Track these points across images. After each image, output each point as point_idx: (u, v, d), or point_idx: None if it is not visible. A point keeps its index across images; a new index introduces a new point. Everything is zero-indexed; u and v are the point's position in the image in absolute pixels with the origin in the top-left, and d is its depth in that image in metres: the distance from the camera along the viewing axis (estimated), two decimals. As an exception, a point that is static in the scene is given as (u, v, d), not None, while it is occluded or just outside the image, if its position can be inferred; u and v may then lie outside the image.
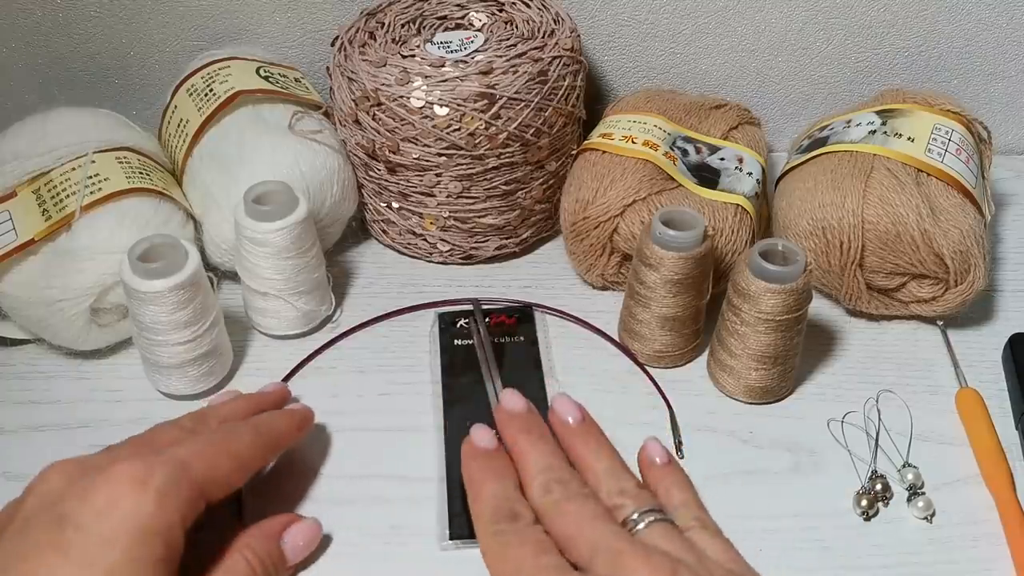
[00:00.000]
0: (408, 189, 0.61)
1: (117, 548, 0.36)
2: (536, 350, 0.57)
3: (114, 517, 0.37)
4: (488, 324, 0.58)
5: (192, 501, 0.39)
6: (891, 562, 0.46)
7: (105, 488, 0.38)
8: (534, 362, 0.56)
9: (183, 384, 0.54)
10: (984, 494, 0.49)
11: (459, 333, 0.58)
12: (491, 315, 0.59)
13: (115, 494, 0.37)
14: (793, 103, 0.74)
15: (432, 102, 0.56)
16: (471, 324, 0.58)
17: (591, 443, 0.42)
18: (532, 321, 0.59)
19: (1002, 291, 0.62)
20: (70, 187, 0.56)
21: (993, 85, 0.72)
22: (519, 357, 0.57)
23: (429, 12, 0.65)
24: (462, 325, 0.58)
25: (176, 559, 0.38)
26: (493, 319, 0.59)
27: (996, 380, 0.56)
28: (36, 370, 0.57)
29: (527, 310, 0.59)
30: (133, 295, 0.50)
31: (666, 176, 0.59)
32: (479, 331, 0.57)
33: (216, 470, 0.41)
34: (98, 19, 0.69)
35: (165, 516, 0.38)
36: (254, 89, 0.61)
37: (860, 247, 0.55)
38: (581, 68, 0.62)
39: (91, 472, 0.39)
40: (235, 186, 0.56)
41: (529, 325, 0.59)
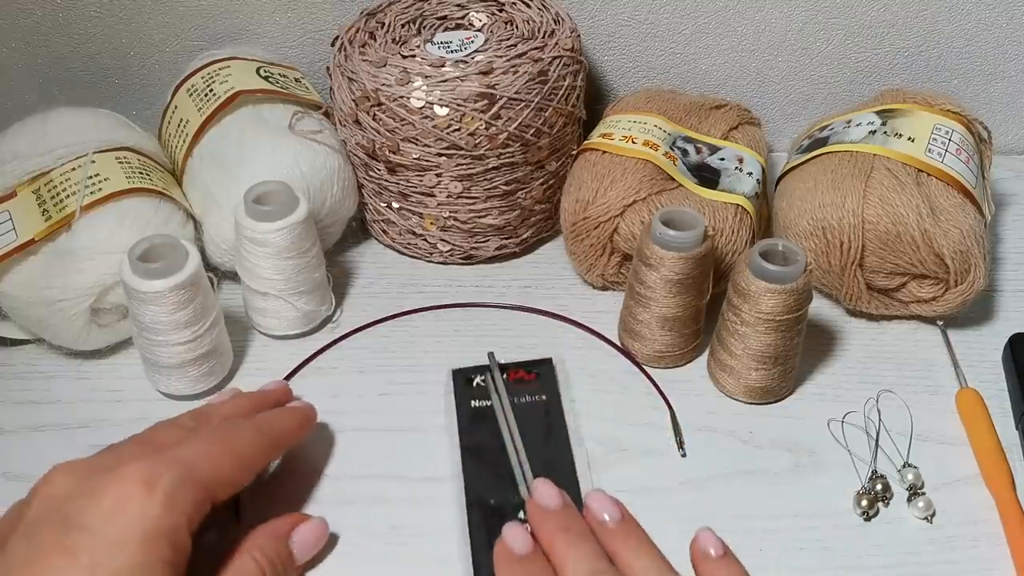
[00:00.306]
0: (408, 189, 0.61)
1: (125, 551, 0.36)
2: (560, 409, 0.53)
3: (122, 520, 0.37)
4: (506, 380, 0.54)
5: (199, 503, 0.39)
6: (891, 562, 0.46)
7: (112, 490, 0.38)
8: (559, 426, 0.52)
9: (183, 384, 0.54)
10: (984, 494, 0.49)
11: (476, 393, 0.54)
12: (509, 371, 0.55)
13: (122, 496, 0.37)
14: (793, 103, 0.74)
15: (432, 102, 0.56)
16: (487, 382, 0.54)
17: (631, 541, 0.41)
18: (554, 375, 0.55)
19: (1002, 291, 0.62)
20: (70, 187, 0.56)
21: (993, 85, 0.72)
22: (543, 420, 0.52)
23: (429, 12, 0.65)
24: (479, 383, 0.54)
25: (183, 562, 0.38)
26: (512, 375, 0.54)
27: (996, 380, 0.56)
28: (36, 370, 0.57)
29: (548, 363, 0.55)
30: (133, 295, 0.50)
31: (666, 176, 0.59)
32: (498, 394, 0.53)
33: (221, 470, 0.41)
34: (98, 19, 0.69)
35: (172, 518, 0.38)
36: (254, 89, 0.61)
37: (860, 247, 0.55)
38: (581, 68, 0.62)
39: (98, 473, 0.39)
40: (235, 186, 0.56)
41: (551, 380, 0.54)
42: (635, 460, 0.51)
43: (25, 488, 0.50)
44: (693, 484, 0.50)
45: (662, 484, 0.50)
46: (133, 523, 0.37)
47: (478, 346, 0.58)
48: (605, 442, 0.52)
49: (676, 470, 0.51)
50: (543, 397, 0.53)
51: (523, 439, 0.50)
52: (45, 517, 0.38)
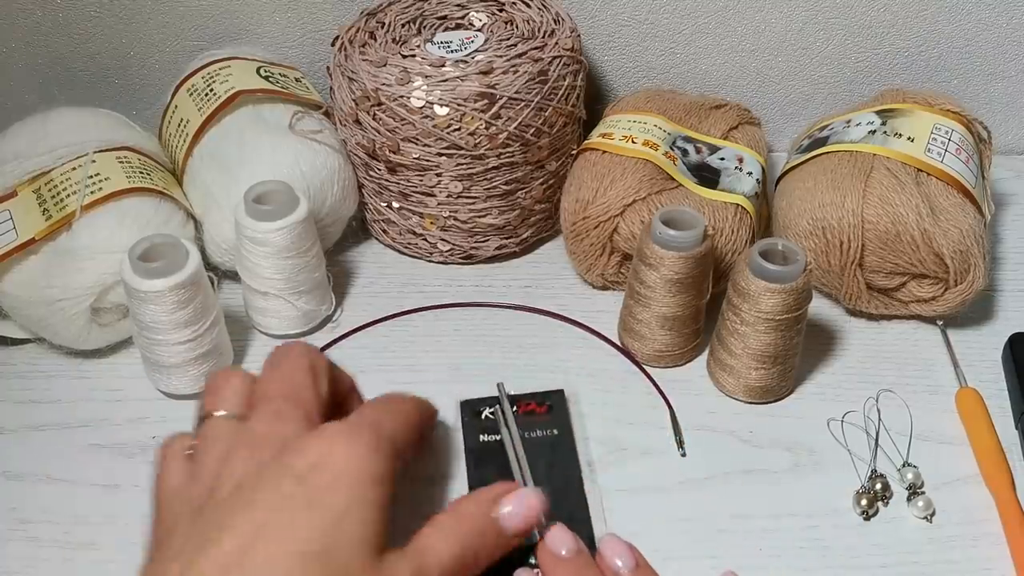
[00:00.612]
0: (408, 189, 0.61)
1: (341, 492, 0.37)
2: (573, 445, 0.51)
3: (331, 467, 0.37)
4: (516, 413, 0.52)
5: (393, 458, 0.40)
6: (891, 562, 0.46)
7: (316, 444, 0.38)
8: (572, 463, 0.50)
9: (183, 383, 0.54)
10: (984, 494, 0.49)
11: (486, 426, 0.51)
12: (519, 403, 0.52)
13: (327, 449, 0.38)
14: (793, 103, 0.74)
15: (432, 102, 0.56)
16: (497, 415, 0.52)
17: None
18: (566, 408, 0.53)
19: (1002, 291, 0.62)
20: (70, 187, 0.56)
21: (993, 85, 0.72)
22: (554, 456, 0.50)
23: (429, 12, 0.65)
24: (488, 416, 0.52)
25: (387, 516, 0.38)
26: (522, 407, 0.52)
27: (996, 380, 0.56)
28: (36, 369, 0.57)
29: (560, 395, 0.53)
30: (133, 295, 0.50)
31: (666, 176, 0.59)
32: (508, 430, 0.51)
33: (399, 430, 0.42)
34: (98, 19, 0.70)
35: (380, 462, 0.38)
36: (254, 89, 0.61)
37: (860, 247, 0.56)
38: (581, 68, 0.62)
39: (291, 442, 0.39)
40: (235, 186, 0.56)
41: (563, 413, 0.52)
42: (635, 460, 0.51)
43: (25, 488, 0.50)
44: (693, 484, 0.50)
45: (662, 484, 0.50)
46: (346, 468, 0.37)
47: (478, 346, 0.58)
48: (605, 442, 0.52)
49: (676, 470, 0.51)
50: (555, 432, 0.51)
51: (533, 476, 0.48)
52: (254, 475, 0.38)
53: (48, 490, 0.50)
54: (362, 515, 0.37)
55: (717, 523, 0.48)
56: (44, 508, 0.49)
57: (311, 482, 0.37)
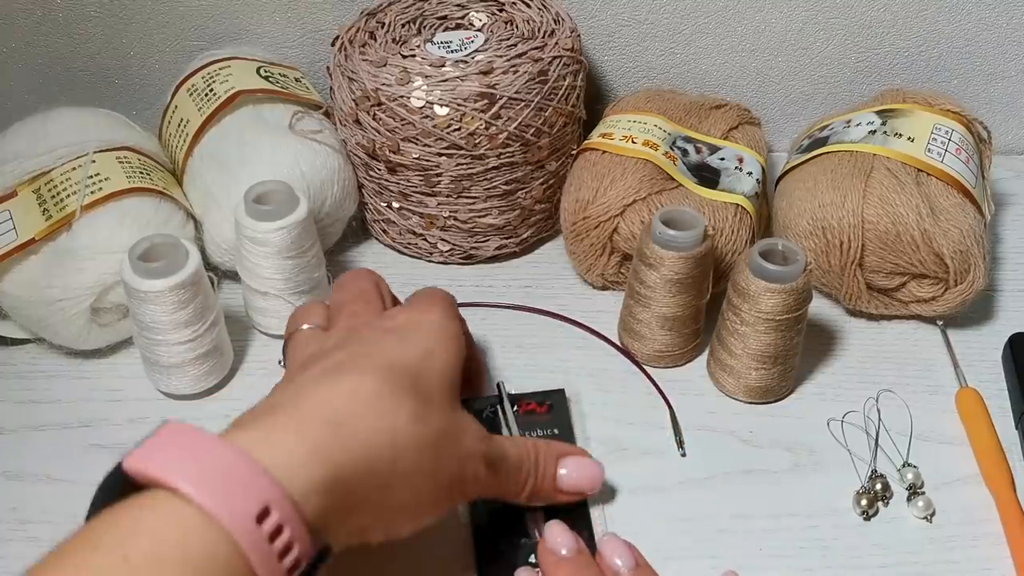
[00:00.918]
0: (408, 189, 0.61)
1: (429, 336, 0.42)
2: (572, 439, 0.51)
3: (418, 321, 0.43)
4: (516, 412, 0.52)
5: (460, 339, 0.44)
6: (891, 562, 0.46)
7: (401, 313, 0.45)
8: None
9: (183, 383, 0.54)
10: (984, 494, 0.49)
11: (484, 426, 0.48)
12: (520, 403, 0.52)
13: (412, 313, 0.44)
14: (793, 103, 0.74)
15: (432, 102, 0.56)
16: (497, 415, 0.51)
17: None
18: (567, 407, 0.53)
19: (1002, 291, 0.62)
20: (70, 187, 0.56)
21: (993, 85, 0.72)
22: None
23: (429, 12, 0.65)
24: (487, 415, 0.51)
25: (460, 372, 0.43)
26: (522, 407, 0.52)
27: (996, 380, 0.56)
28: (36, 369, 0.57)
29: (560, 394, 0.53)
30: (133, 295, 0.50)
31: (666, 176, 0.59)
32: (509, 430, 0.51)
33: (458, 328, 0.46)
34: (98, 19, 0.69)
35: (454, 325, 0.44)
36: (254, 89, 0.61)
37: (860, 247, 0.56)
38: (581, 68, 0.62)
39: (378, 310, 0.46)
40: (235, 186, 0.56)
41: (563, 412, 0.52)
42: (635, 460, 0.51)
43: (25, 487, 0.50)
44: (693, 484, 0.50)
45: (662, 484, 0.50)
46: (428, 321, 0.43)
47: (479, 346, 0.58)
48: (605, 442, 0.52)
49: (676, 470, 0.51)
50: (555, 431, 0.51)
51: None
52: (360, 330, 0.44)
53: (48, 490, 0.50)
54: (445, 357, 0.42)
55: (717, 523, 0.48)
56: (44, 508, 0.49)
57: (402, 331, 0.42)
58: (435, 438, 0.38)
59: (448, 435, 0.39)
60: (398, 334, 0.42)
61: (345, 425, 0.36)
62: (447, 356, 0.42)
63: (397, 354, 0.40)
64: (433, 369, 0.41)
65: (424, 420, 0.38)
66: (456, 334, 0.44)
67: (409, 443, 0.37)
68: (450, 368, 0.42)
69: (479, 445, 0.41)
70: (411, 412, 0.38)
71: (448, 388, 0.41)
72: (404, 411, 0.37)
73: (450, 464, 0.39)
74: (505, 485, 0.43)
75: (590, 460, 0.47)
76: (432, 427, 0.38)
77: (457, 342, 0.44)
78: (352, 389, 0.37)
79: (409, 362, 0.40)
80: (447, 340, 0.43)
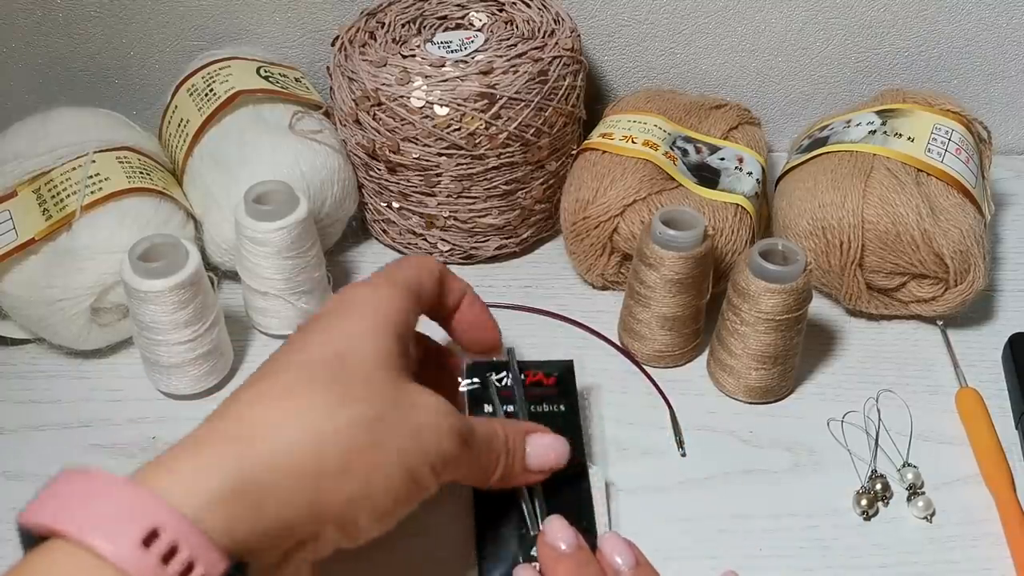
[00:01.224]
0: (408, 189, 0.61)
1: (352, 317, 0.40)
2: (579, 427, 0.47)
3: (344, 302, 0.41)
4: (524, 382, 0.49)
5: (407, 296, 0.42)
6: (891, 561, 0.46)
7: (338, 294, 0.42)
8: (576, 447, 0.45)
9: (183, 384, 0.54)
10: (984, 494, 0.49)
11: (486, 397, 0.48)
12: (527, 372, 0.49)
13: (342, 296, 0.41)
14: (793, 103, 0.74)
15: (432, 102, 0.56)
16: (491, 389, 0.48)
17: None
18: (574, 383, 0.49)
19: (1002, 291, 0.62)
20: (70, 187, 0.56)
21: (993, 85, 0.72)
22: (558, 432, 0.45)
23: (429, 12, 0.65)
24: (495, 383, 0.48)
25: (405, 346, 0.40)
26: (529, 376, 0.49)
27: (996, 380, 0.56)
28: (37, 369, 0.57)
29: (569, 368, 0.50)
30: (133, 295, 0.50)
31: (666, 176, 0.59)
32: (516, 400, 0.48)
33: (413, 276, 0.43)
34: (98, 19, 0.69)
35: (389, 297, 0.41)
36: (254, 89, 0.61)
37: (860, 247, 0.56)
38: (581, 68, 0.62)
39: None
40: (235, 186, 0.56)
41: (571, 388, 0.49)
42: (635, 459, 0.51)
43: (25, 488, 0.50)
44: (693, 484, 0.50)
45: (662, 483, 0.50)
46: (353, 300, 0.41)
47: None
48: (605, 441, 0.52)
49: (676, 470, 0.51)
50: (561, 407, 0.48)
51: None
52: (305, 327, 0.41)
53: (48, 490, 0.50)
54: (374, 334, 0.39)
55: (717, 523, 0.48)
56: (44, 508, 0.49)
57: (326, 315, 0.40)
58: (368, 422, 0.36)
59: (387, 416, 0.37)
60: (322, 320, 0.40)
61: (247, 430, 0.34)
62: (376, 333, 0.39)
63: (316, 343, 0.38)
64: (359, 350, 0.38)
65: (349, 406, 0.36)
66: (388, 305, 0.41)
67: (331, 433, 0.35)
68: (382, 346, 0.39)
69: (442, 420, 0.38)
70: (328, 402, 0.35)
71: (383, 366, 0.38)
72: (319, 401, 0.35)
73: (401, 444, 0.36)
74: (477, 464, 0.41)
75: (554, 435, 0.44)
76: (361, 411, 0.36)
77: (388, 314, 0.40)
78: (258, 393, 0.36)
79: (327, 350, 0.38)
80: (374, 315, 0.40)
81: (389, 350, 0.39)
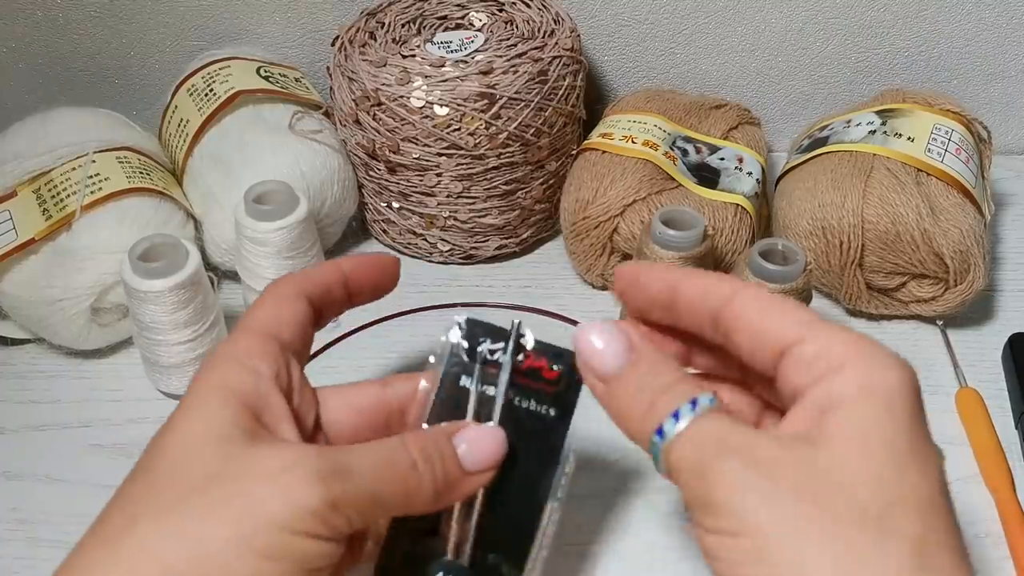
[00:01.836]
0: (408, 189, 0.61)
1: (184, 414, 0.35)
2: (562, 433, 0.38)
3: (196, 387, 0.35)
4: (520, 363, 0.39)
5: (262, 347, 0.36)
6: (891, 562, 0.46)
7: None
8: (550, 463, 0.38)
9: (183, 384, 0.54)
10: (984, 494, 0.49)
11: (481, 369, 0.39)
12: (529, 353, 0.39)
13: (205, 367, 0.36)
14: (793, 103, 0.74)
15: (432, 102, 0.56)
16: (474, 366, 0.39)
17: None
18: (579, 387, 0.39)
19: (1002, 291, 0.62)
20: (70, 187, 0.56)
21: (993, 85, 0.72)
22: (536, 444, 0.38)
23: (429, 12, 0.65)
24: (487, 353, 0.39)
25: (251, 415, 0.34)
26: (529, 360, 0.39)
27: (996, 380, 0.56)
28: (36, 370, 0.57)
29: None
30: (133, 295, 0.50)
31: (666, 176, 0.59)
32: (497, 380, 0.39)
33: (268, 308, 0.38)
34: (98, 19, 0.70)
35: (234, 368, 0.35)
36: (254, 89, 0.61)
37: (860, 247, 0.56)
38: (581, 68, 0.62)
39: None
40: (236, 186, 0.56)
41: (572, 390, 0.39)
42: (635, 459, 0.51)
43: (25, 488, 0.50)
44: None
45: (662, 483, 0.50)
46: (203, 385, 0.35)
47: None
48: (605, 441, 0.52)
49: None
50: (551, 412, 0.39)
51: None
52: None
53: (48, 490, 0.50)
54: (203, 410, 0.34)
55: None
56: (44, 508, 0.49)
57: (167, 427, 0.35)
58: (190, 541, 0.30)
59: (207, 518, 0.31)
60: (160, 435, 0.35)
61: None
62: (208, 408, 0.34)
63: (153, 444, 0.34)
64: (195, 434, 0.33)
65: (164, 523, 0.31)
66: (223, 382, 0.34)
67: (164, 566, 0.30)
68: (216, 424, 0.33)
69: (291, 474, 0.31)
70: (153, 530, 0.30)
71: (222, 445, 0.32)
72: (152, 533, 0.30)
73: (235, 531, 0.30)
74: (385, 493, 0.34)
75: (480, 425, 0.37)
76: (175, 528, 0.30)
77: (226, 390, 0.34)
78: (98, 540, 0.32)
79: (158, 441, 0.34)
80: (210, 385, 0.34)
81: (224, 421, 0.33)
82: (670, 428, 0.31)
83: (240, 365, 0.35)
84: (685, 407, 0.31)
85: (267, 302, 0.38)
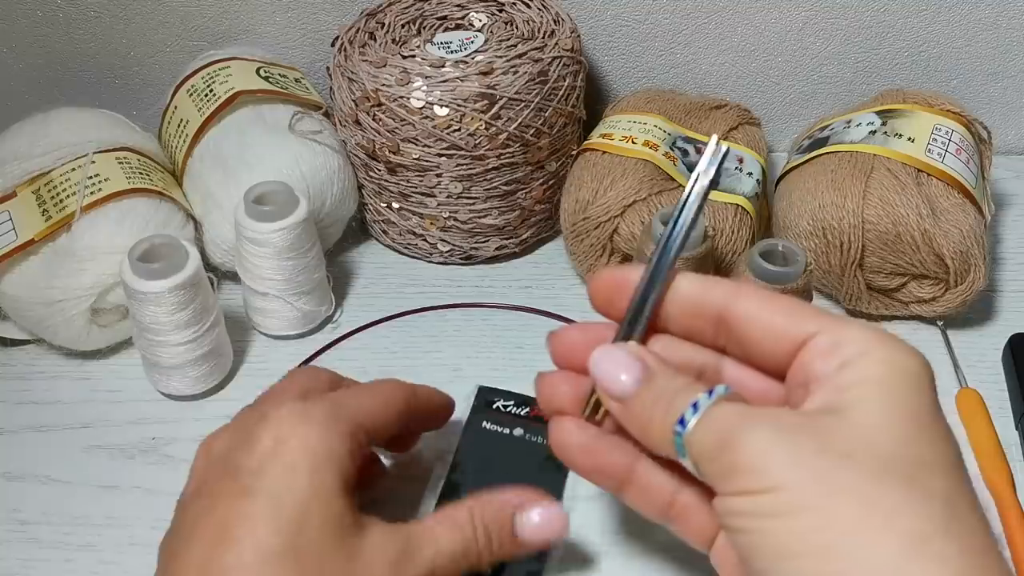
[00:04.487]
0: (408, 189, 0.61)
1: (299, 477, 0.35)
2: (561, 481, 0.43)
3: (286, 453, 0.36)
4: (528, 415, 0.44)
5: (354, 434, 0.38)
6: (891, 562, 0.46)
7: (268, 432, 0.37)
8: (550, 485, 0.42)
9: (183, 384, 0.54)
10: (984, 494, 0.49)
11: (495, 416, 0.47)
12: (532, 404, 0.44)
13: (280, 434, 0.37)
14: (793, 103, 0.74)
15: (432, 102, 0.56)
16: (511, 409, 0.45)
17: None
18: None
19: (1002, 291, 0.62)
20: (70, 187, 0.56)
21: (993, 85, 0.72)
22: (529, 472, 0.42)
23: (429, 12, 0.65)
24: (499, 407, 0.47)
25: (351, 493, 0.37)
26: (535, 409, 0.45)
27: (996, 380, 0.56)
28: (36, 370, 0.57)
29: None
30: (133, 295, 0.50)
31: (666, 176, 0.59)
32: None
33: (367, 406, 0.40)
34: (98, 19, 0.69)
35: (333, 443, 0.37)
36: (254, 89, 0.61)
37: (860, 247, 0.56)
38: (581, 68, 0.62)
39: (250, 423, 0.38)
40: (235, 186, 0.56)
41: None
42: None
43: (25, 489, 0.50)
44: (693, 484, 0.50)
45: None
46: (297, 451, 0.36)
47: (479, 346, 0.58)
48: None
49: (676, 470, 0.51)
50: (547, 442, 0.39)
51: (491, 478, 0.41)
52: (213, 472, 0.37)
53: (48, 491, 0.50)
54: (324, 499, 0.35)
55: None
56: (44, 509, 0.49)
57: (269, 471, 0.36)
58: None
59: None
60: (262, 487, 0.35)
61: None
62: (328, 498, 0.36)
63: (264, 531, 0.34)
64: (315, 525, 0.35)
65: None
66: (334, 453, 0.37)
67: None
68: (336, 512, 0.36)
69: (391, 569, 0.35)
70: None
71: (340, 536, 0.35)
72: None
73: None
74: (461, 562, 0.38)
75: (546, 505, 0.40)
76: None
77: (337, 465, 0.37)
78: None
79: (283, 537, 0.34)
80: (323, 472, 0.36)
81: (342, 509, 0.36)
82: (690, 416, 0.32)
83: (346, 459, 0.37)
84: (702, 397, 0.32)
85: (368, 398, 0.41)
